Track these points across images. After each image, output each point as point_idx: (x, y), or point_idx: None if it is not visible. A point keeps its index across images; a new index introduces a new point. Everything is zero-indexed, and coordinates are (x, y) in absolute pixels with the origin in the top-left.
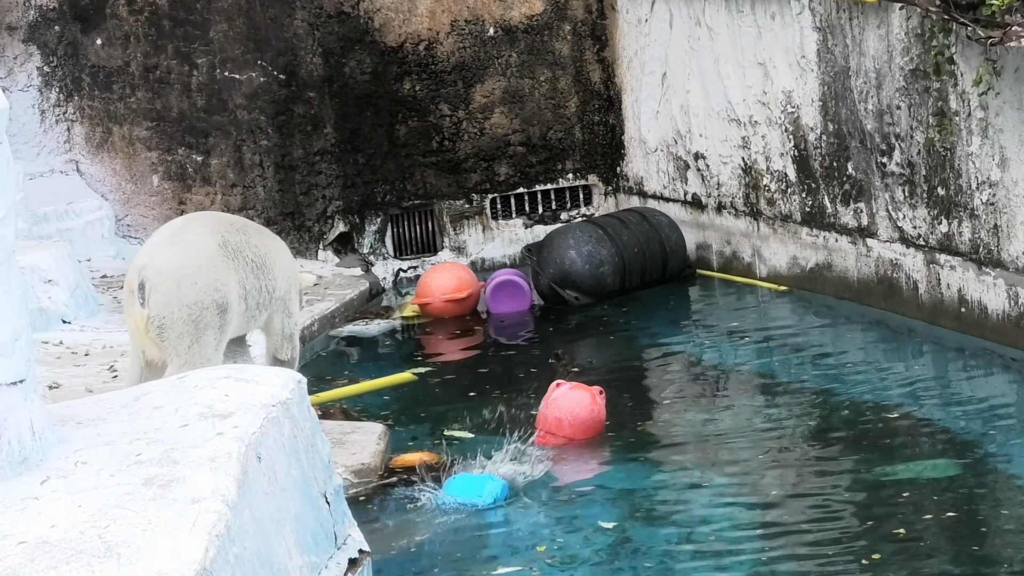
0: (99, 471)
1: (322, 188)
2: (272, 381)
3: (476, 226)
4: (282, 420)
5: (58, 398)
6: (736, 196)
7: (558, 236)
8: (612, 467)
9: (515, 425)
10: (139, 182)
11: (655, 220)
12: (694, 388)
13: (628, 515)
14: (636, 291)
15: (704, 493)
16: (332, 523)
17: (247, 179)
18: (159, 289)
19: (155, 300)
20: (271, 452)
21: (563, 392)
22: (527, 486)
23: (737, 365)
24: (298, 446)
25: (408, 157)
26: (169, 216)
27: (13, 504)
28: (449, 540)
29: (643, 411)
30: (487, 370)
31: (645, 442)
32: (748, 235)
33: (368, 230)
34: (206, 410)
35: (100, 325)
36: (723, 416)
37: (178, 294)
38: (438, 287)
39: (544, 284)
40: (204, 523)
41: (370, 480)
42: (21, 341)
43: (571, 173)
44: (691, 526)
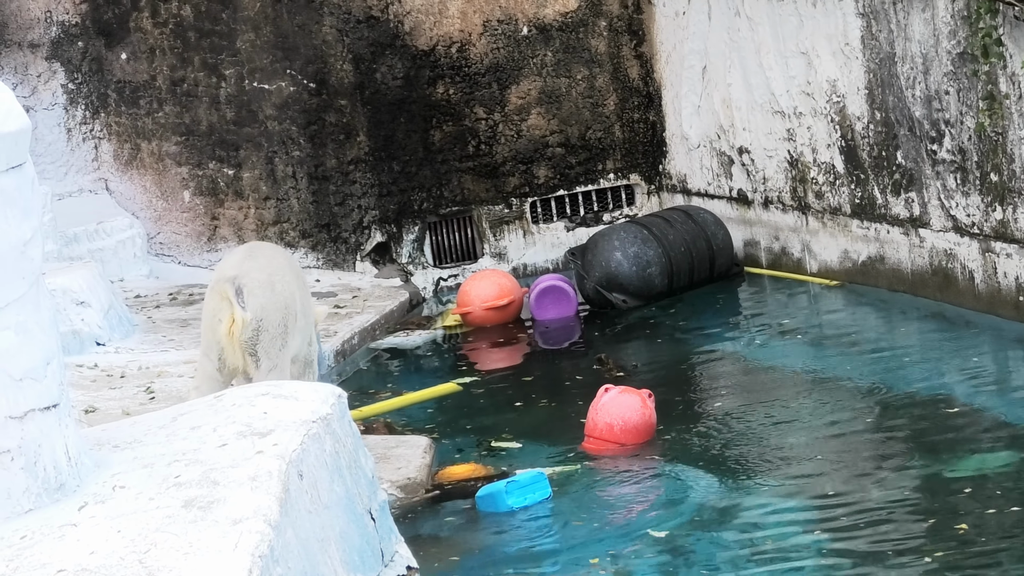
0: (138, 495)
1: (357, 198)
2: (312, 397)
3: (516, 231)
4: (323, 436)
5: (94, 422)
6: (783, 190)
7: (602, 238)
8: (664, 472)
9: (563, 433)
10: (170, 198)
11: (700, 218)
12: (746, 388)
13: (682, 522)
14: (684, 292)
15: (760, 496)
16: (378, 540)
17: (280, 191)
18: (256, 292)
19: (253, 302)
20: (313, 469)
21: (612, 397)
22: (577, 495)
23: (790, 363)
24: (340, 462)
25: (444, 163)
26: (203, 232)
27: (51, 531)
28: (500, 553)
29: (695, 414)
30: (532, 378)
31: (697, 445)
32: (797, 230)
33: (406, 239)
34: (245, 428)
35: (135, 346)
36: (777, 416)
37: (273, 295)
38: (478, 295)
39: (590, 288)
40: (247, 544)
41: (416, 495)
42: (53, 365)
43: (612, 173)
44: (747, 530)
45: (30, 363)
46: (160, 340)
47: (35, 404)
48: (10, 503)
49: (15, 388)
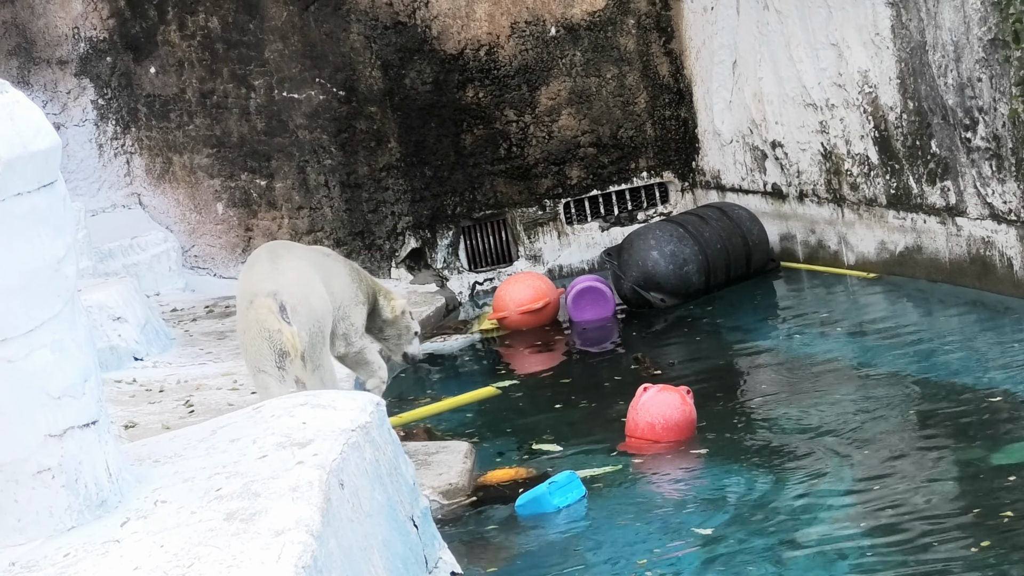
0: (179, 509)
1: (390, 204)
2: (350, 405)
3: (551, 233)
4: (363, 444)
5: (134, 437)
6: (817, 183)
7: (638, 237)
8: (706, 470)
9: (604, 433)
10: (203, 211)
11: (735, 214)
12: (787, 383)
13: (726, 518)
14: (721, 289)
15: (803, 490)
16: (421, 547)
17: (313, 200)
18: (298, 310)
19: (298, 318)
20: (353, 478)
21: (652, 395)
22: (620, 495)
23: (830, 357)
24: (381, 470)
25: (476, 166)
26: (237, 244)
27: (94, 548)
28: (545, 556)
29: (735, 410)
30: (571, 379)
31: (738, 442)
32: (833, 222)
33: (440, 244)
34: (284, 439)
35: (173, 360)
36: (818, 410)
37: (310, 311)
38: (513, 299)
39: (627, 288)
40: (290, 555)
41: (458, 500)
42: (91, 381)
43: (645, 171)
44: (792, 525)
45: (68, 381)
46: (198, 353)
47: (74, 421)
48: (52, 521)
49: (54, 406)
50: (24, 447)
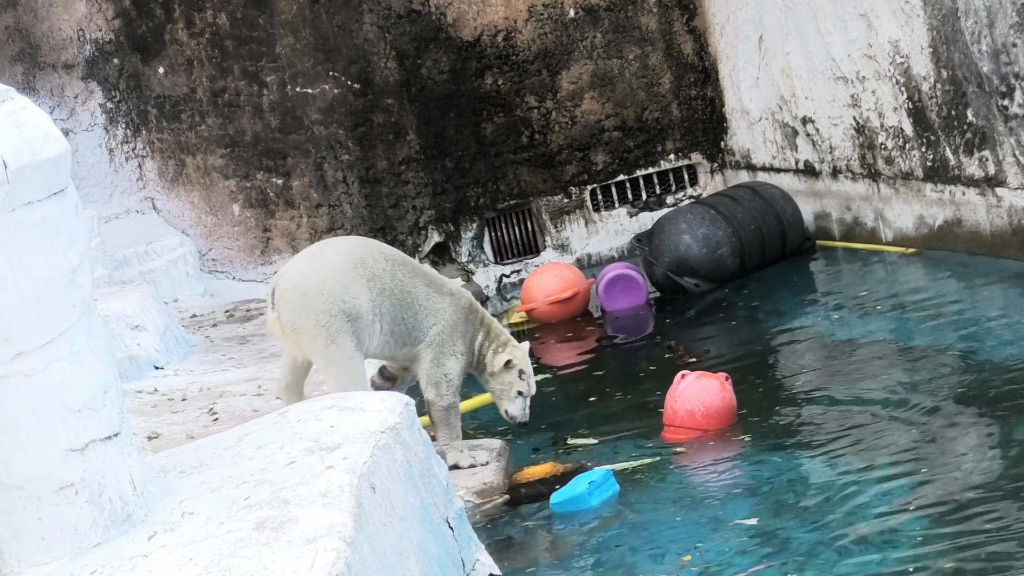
0: (207, 520)
1: (411, 198)
2: (378, 406)
3: (578, 221)
4: (393, 446)
5: (158, 448)
6: (851, 158)
7: (669, 222)
8: (749, 457)
9: (642, 425)
10: (220, 213)
11: (768, 194)
12: (828, 365)
13: (771, 508)
14: (756, 271)
15: (850, 476)
16: (458, 549)
17: (332, 198)
18: (286, 297)
19: (283, 307)
20: (385, 481)
21: (690, 383)
22: (660, 488)
23: (871, 337)
24: (413, 472)
25: (498, 156)
26: (255, 246)
27: (121, 564)
28: (585, 555)
29: (776, 395)
30: (605, 371)
31: (781, 428)
32: (868, 198)
33: (464, 237)
34: (312, 444)
35: (195, 368)
36: (862, 391)
37: (304, 303)
38: (541, 290)
39: (659, 274)
40: (323, 563)
41: (494, 499)
42: (111, 393)
43: (672, 154)
44: (840, 514)
45: (87, 393)
46: (220, 359)
47: (96, 435)
48: (77, 538)
49: (74, 419)
50: (45, 463)
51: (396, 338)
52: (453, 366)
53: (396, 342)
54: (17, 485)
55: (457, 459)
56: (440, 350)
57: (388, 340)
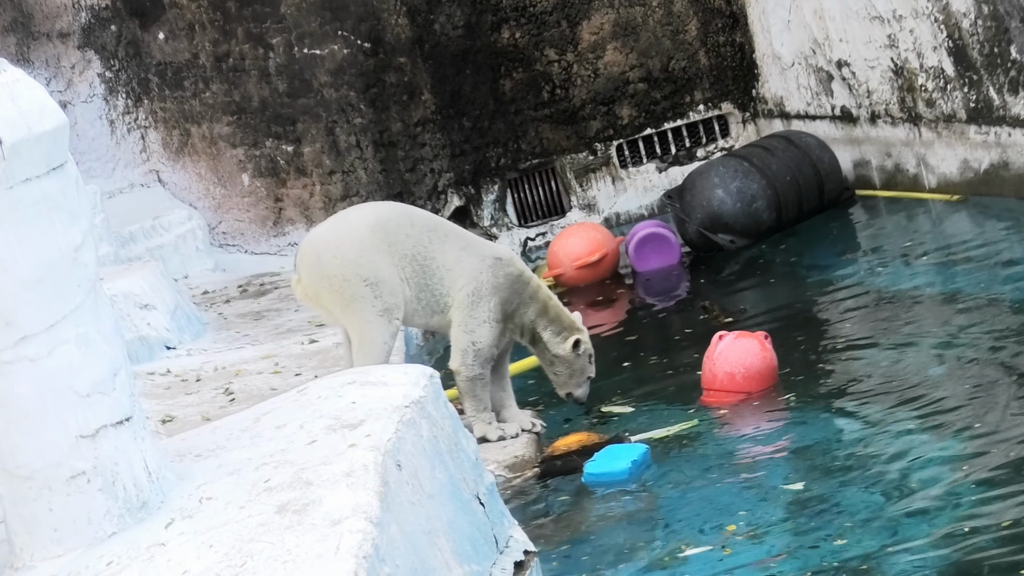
0: (226, 505)
1: (429, 161)
2: (402, 380)
3: (604, 178)
4: (418, 421)
5: (173, 431)
6: (890, 102)
7: (700, 176)
8: (791, 420)
9: (679, 390)
10: (228, 184)
11: (803, 143)
12: (872, 321)
13: (815, 472)
14: (794, 224)
15: (899, 435)
16: (490, 526)
17: (345, 163)
18: (305, 260)
19: (302, 271)
20: (411, 458)
21: (729, 344)
22: (700, 454)
23: (917, 289)
24: (440, 447)
25: (518, 113)
26: (267, 217)
27: (139, 554)
28: (625, 527)
29: (818, 353)
30: (638, 336)
31: (824, 388)
32: (910, 144)
33: (486, 200)
34: (334, 422)
35: (208, 346)
36: (908, 348)
37: (319, 266)
38: (568, 254)
39: (692, 231)
40: (349, 546)
41: (526, 473)
42: (121, 375)
43: (702, 104)
44: (889, 474)
45: (96, 376)
46: (234, 337)
47: (106, 420)
48: (91, 528)
49: (83, 405)
50: (55, 451)
51: (424, 305)
52: (483, 334)
53: (425, 310)
54: (26, 475)
55: (485, 432)
56: (470, 314)
57: (417, 308)
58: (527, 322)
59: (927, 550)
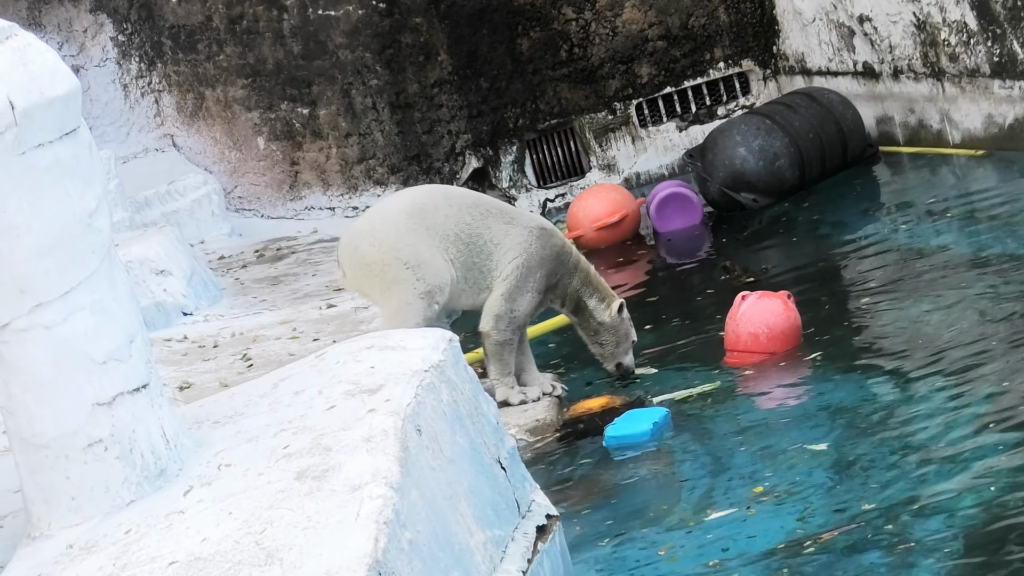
0: (245, 472)
1: (446, 123)
2: (420, 344)
3: (624, 138)
4: (438, 385)
5: (191, 398)
6: (913, 57)
7: (722, 135)
8: (817, 380)
9: (702, 351)
10: (244, 148)
11: (826, 99)
12: (897, 279)
13: (841, 433)
14: (817, 183)
15: (925, 394)
16: (512, 490)
17: (362, 126)
18: (344, 252)
19: (344, 263)
20: (431, 422)
21: (752, 304)
22: (723, 416)
23: (942, 246)
24: (460, 411)
25: (536, 73)
26: (283, 180)
27: (157, 522)
28: (649, 488)
29: (843, 312)
30: (659, 297)
31: (849, 347)
32: (933, 99)
33: (504, 162)
34: (352, 387)
35: (225, 312)
36: (935, 306)
37: (357, 255)
38: (587, 215)
39: (714, 191)
40: (369, 511)
41: (547, 436)
42: (137, 342)
43: (722, 62)
44: (916, 434)
45: (112, 343)
46: (251, 302)
47: (123, 387)
48: (109, 496)
49: (99, 372)
50: (71, 419)
51: (472, 284)
52: (524, 303)
53: (472, 289)
54: (43, 444)
55: (507, 395)
56: (517, 284)
57: (464, 288)
58: (571, 291)
59: (954, 511)
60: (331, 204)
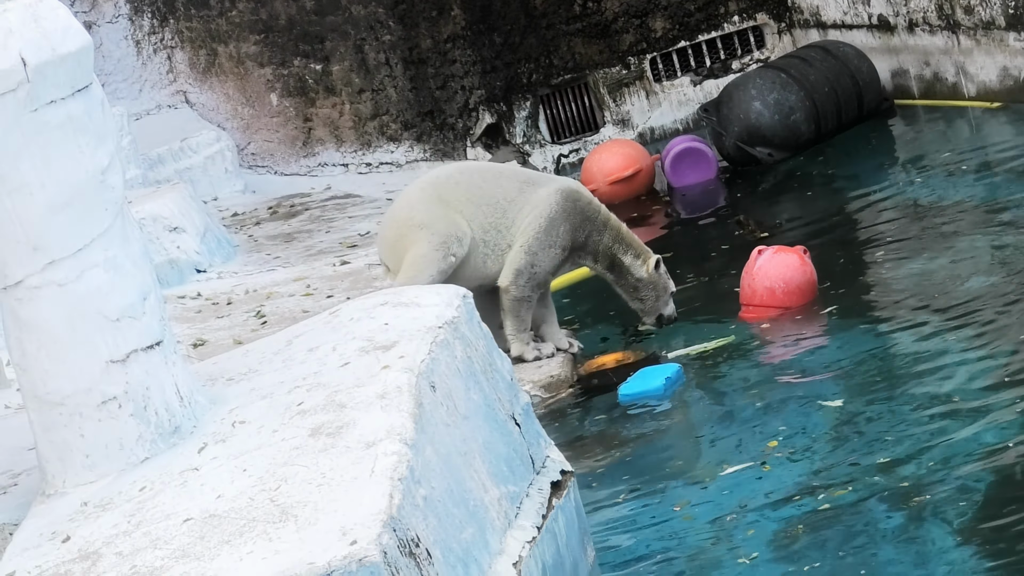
0: (260, 428)
1: (459, 78)
2: (434, 300)
3: (638, 93)
4: (452, 342)
5: (205, 355)
6: (928, 10)
7: (737, 89)
8: (832, 334)
9: (717, 306)
10: (257, 104)
11: (841, 53)
12: (913, 233)
13: (856, 388)
14: (832, 136)
15: (942, 349)
16: (526, 446)
17: (375, 81)
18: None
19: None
20: (445, 379)
21: (768, 258)
22: (737, 371)
23: (959, 198)
24: (474, 367)
25: (550, 28)
26: (296, 137)
27: (172, 479)
28: (663, 444)
29: (858, 266)
30: (674, 252)
31: (864, 302)
32: (948, 52)
33: (518, 117)
34: (366, 343)
35: (239, 269)
36: (951, 259)
37: (383, 237)
38: (601, 170)
39: (729, 145)
40: (384, 468)
41: (561, 392)
42: (151, 299)
43: (736, 15)
44: (933, 389)
45: (125, 300)
46: (265, 259)
47: (137, 344)
48: (123, 454)
49: (113, 330)
50: (86, 376)
51: (493, 247)
52: (545, 259)
53: (494, 251)
54: (57, 401)
55: (522, 351)
56: (537, 238)
57: (487, 251)
58: (603, 249)
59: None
60: (344, 160)
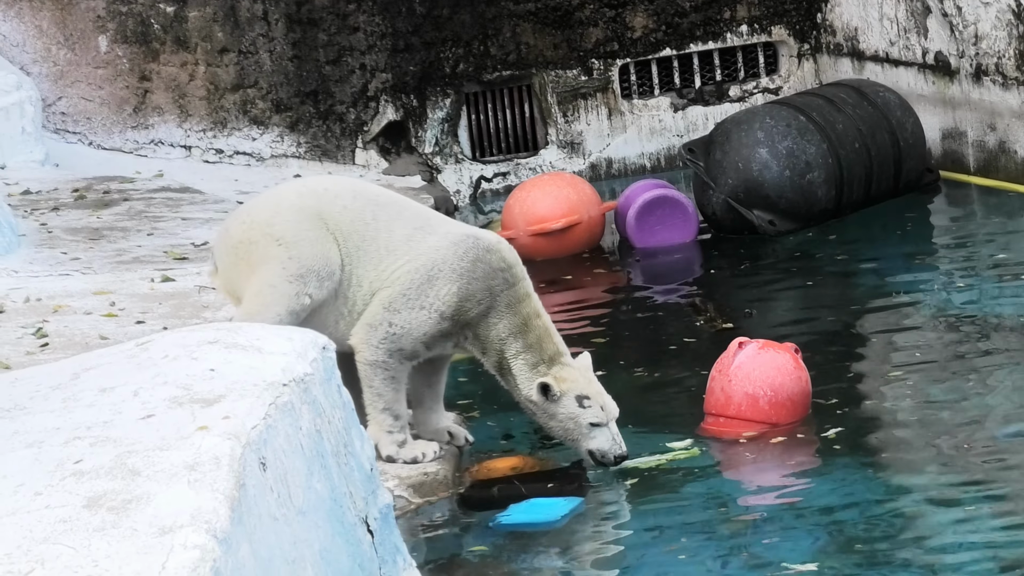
0: (18, 487)
1: (360, 54)
2: (282, 347)
3: (598, 109)
4: (298, 407)
5: None
6: (1004, 54)
7: (737, 127)
8: (819, 473)
9: (670, 411)
10: (79, 47)
11: (880, 99)
12: (942, 352)
13: (837, 547)
14: (856, 209)
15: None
16: (377, 563)
17: (244, 41)
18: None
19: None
20: (281, 456)
21: (752, 355)
22: (686, 501)
23: (1008, 315)
24: (324, 447)
25: (492, 4)
26: (127, 99)
27: None
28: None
29: (866, 386)
30: (616, 334)
31: (867, 432)
32: (1023, 116)
33: (431, 118)
34: (181, 392)
35: (20, 267)
36: (980, 393)
37: (226, 238)
38: (523, 212)
39: (718, 201)
40: (179, 565)
41: (437, 497)
42: None
43: (745, 24)
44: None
45: None
46: (58, 259)
47: None
48: None
49: None
50: None
51: (350, 307)
52: (412, 320)
53: (350, 314)
54: None
55: (379, 440)
56: (404, 294)
57: (342, 309)
58: (493, 339)
59: None
60: (187, 141)
